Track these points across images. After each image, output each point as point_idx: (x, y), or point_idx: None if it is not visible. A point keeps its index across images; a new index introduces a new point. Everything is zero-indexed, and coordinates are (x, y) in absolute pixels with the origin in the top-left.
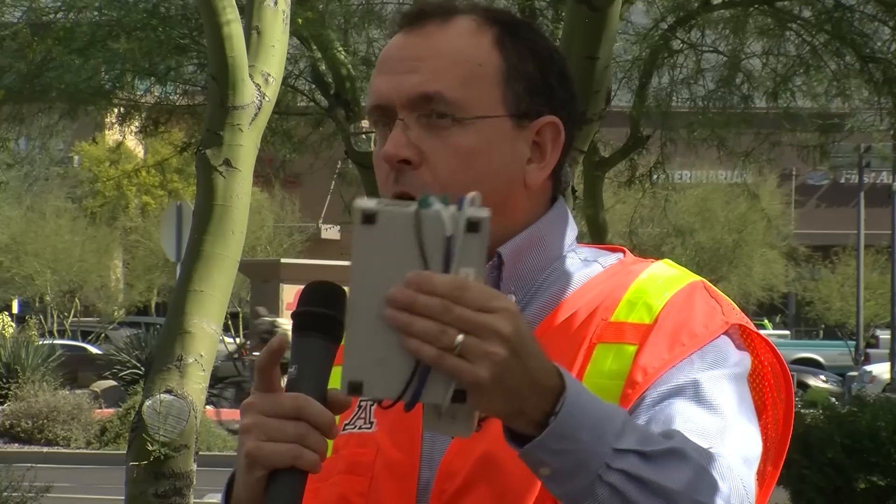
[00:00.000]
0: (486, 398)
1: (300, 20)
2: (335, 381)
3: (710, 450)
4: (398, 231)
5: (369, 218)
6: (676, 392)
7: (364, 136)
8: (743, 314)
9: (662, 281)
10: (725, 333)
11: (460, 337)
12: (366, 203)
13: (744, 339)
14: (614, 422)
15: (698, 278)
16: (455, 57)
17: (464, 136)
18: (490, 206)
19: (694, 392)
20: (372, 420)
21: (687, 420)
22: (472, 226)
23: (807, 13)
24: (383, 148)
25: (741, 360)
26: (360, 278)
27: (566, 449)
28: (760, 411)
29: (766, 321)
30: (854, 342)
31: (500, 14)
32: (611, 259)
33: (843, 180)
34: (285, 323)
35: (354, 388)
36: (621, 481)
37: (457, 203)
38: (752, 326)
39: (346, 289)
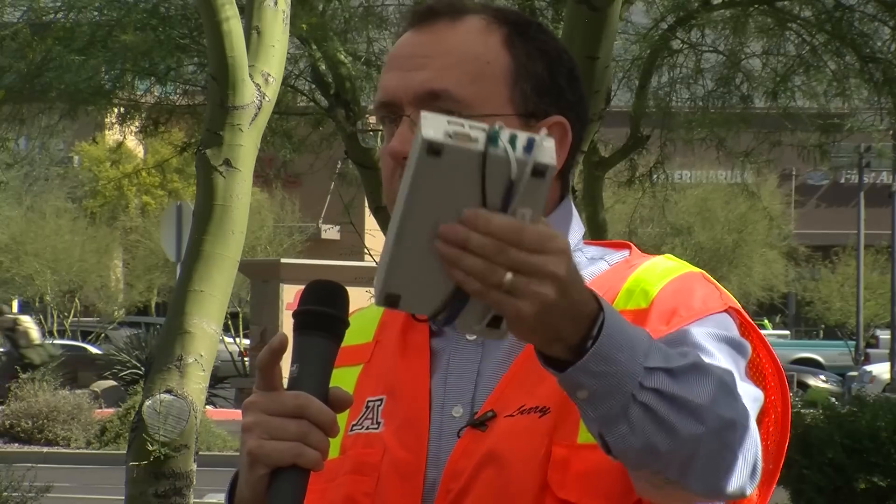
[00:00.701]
0: (525, 329)
1: (303, 26)
2: (336, 380)
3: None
4: (462, 167)
5: (435, 150)
6: (677, 341)
7: (371, 132)
8: (742, 309)
9: (661, 270)
10: (727, 313)
11: (509, 276)
12: (433, 133)
13: (741, 330)
14: (642, 342)
15: (698, 270)
16: (463, 55)
17: None
18: None
19: (694, 344)
20: (379, 420)
21: None
22: (538, 172)
23: (807, 13)
24: (389, 143)
25: (742, 339)
26: (415, 202)
27: (605, 371)
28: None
29: (766, 321)
30: (854, 342)
31: (510, 14)
32: (616, 256)
33: (843, 180)
34: (27, 320)
35: (391, 300)
36: (653, 399)
37: (526, 144)
38: (749, 319)
39: (347, 288)
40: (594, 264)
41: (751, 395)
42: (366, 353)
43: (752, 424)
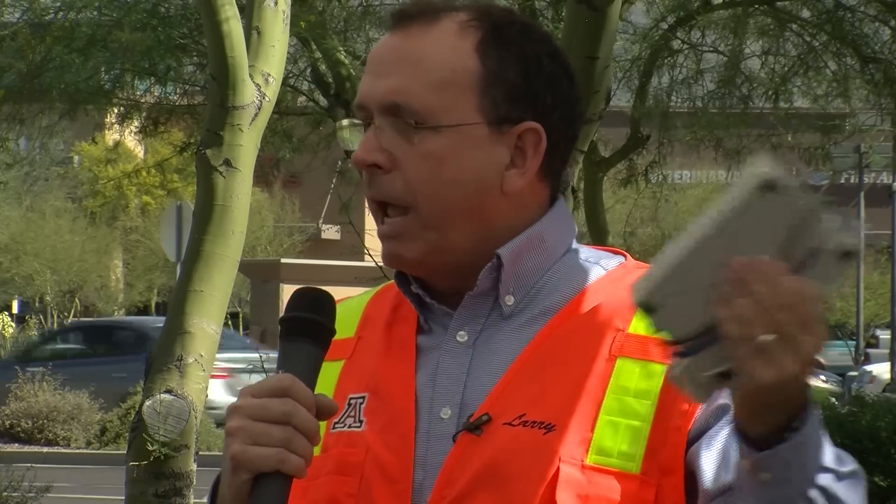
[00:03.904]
0: (749, 396)
1: (302, 24)
2: (321, 386)
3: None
4: (783, 213)
5: (770, 186)
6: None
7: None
8: None
9: None
10: None
11: (770, 336)
12: (768, 172)
13: None
14: (824, 438)
15: None
16: (429, 63)
17: (434, 142)
18: (464, 213)
19: None
20: (362, 419)
21: None
22: (847, 255)
23: (807, 13)
24: (355, 151)
25: None
26: (724, 229)
27: (794, 461)
28: None
29: None
30: (854, 342)
31: (492, 13)
32: (612, 262)
33: (843, 180)
34: None
35: (647, 308)
36: (819, 497)
37: (842, 223)
38: None
39: (347, 288)
40: (590, 268)
41: None
42: (348, 348)
43: None
